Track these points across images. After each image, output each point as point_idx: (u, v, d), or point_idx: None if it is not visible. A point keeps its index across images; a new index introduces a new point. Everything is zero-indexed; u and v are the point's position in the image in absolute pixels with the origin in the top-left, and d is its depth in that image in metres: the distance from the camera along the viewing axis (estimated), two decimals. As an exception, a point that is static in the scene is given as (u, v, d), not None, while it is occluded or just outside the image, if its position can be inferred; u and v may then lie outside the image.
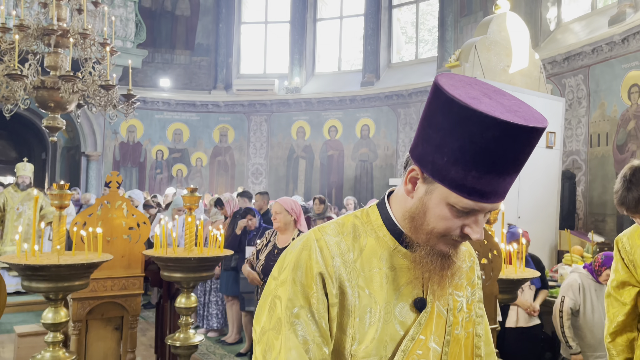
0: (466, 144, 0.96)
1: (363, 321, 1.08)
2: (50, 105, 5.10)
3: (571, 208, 7.75)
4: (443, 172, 1.00)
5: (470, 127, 0.95)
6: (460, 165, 0.98)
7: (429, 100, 1.03)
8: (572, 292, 4.02)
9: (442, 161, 1.00)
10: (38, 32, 4.95)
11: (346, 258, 1.10)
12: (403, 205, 1.12)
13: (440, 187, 1.02)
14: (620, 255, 2.39)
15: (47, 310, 2.99)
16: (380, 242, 1.13)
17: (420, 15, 13.13)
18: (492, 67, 5.90)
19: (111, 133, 12.95)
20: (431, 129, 1.02)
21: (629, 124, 7.40)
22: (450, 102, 0.97)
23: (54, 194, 3.11)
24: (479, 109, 0.94)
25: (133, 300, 3.79)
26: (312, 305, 1.07)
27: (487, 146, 0.95)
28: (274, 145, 13.52)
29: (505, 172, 0.99)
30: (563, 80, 8.56)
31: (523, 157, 1.00)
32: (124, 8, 12.12)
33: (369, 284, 1.10)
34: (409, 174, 1.08)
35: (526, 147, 0.98)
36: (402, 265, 1.12)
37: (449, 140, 0.98)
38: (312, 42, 13.73)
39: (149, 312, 7.03)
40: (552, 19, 9.39)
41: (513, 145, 0.96)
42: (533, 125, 0.95)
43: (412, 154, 1.08)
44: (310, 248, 1.10)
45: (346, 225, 1.15)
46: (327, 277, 1.08)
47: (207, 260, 3.41)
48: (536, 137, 0.97)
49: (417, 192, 1.07)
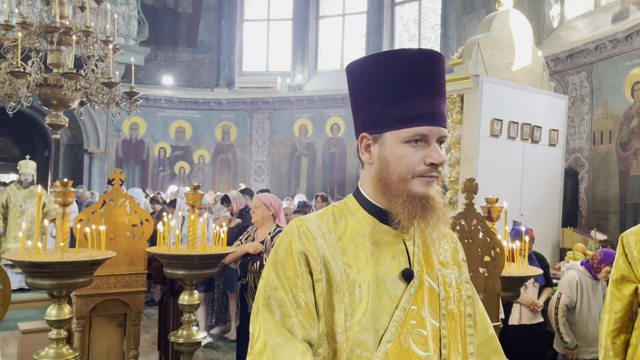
0: (387, 82, 1.11)
1: (353, 296, 1.10)
2: (53, 103, 5.11)
3: (574, 206, 7.75)
4: (383, 118, 1.12)
5: (384, 67, 1.12)
6: (391, 103, 1.11)
7: (349, 83, 1.20)
8: (569, 290, 4.09)
9: (377, 110, 1.13)
10: (41, 29, 4.96)
11: (328, 238, 1.14)
12: (370, 179, 1.18)
13: (388, 134, 1.13)
14: (624, 251, 2.41)
15: (50, 307, 3.00)
16: (361, 222, 1.17)
17: (422, 12, 13.11)
18: (495, 65, 5.89)
19: (114, 130, 12.97)
20: (359, 97, 1.17)
21: (632, 121, 7.38)
22: (361, 65, 1.15)
23: (57, 192, 3.11)
24: (386, 52, 1.14)
25: (136, 297, 3.80)
26: (294, 285, 1.09)
27: (403, 74, 1.10)
28: (277, 143, 13.52)
29: (428, 92, 1.11)
30: (566, 77, 8.53)
31: (435, 78, 1.12)
32: (127, 5, 12.12)
33: (355, 261, 1.13)
34: (361, 145, 1.19)
35: (433, 69, 1.12)
36: (385, 240, 1.16)
37: (373, 90, 1.13)
38: (315, 40, 13.72)
39: (151, 309, 7.04)
40: (555, 16, 9.36)
41: (423, 68, 1.11)
42: (431, 51, 1.13)
43: (357, 130, 1.21)
44: (291, 233, 1.14)
45: (326, 213, 1.20)
46: (309, 254, 1.11)
47: (210, 257, 3.41)
48: (436, 60, 1.12)
49: (373, 154, 1.16)
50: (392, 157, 1.12)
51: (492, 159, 5.64)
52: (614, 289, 2.43)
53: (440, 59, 1.14)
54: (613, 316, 2.42)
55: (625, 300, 2.39)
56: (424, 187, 1.12)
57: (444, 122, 1.14)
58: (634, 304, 2.40)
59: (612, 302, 2.44)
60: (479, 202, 3.18)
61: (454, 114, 5.86)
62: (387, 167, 1.12)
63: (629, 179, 7.40)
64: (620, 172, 7.54)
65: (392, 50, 1.14)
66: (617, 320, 2.41)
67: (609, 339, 2.43)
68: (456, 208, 5.77)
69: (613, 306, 2.43)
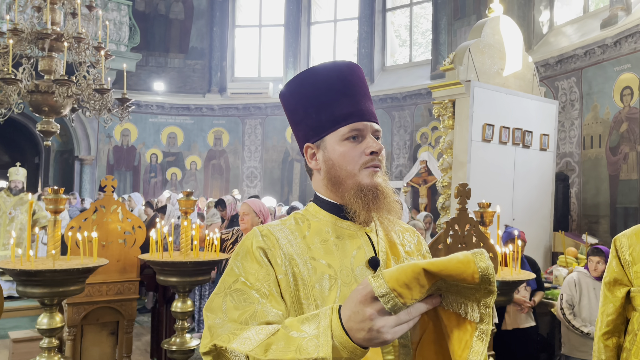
0: (315, 93, 1.22)
1: (322, 287, 1.14)
2: (45, 110, 5.08)
3: (565, 210, 7.80)
4: (320, 124, 1.22)
5: (310, 82, 1.23)
6: (323, 109, 1.21)
7: (285, 108, 1.31)
8: (568, 288, 4.19)
9: (313, 119, 1.22)
10: (32, 36, 4.93)
11: (291, 238, 1.19)
12: (321, 182, 1.25)
13: (328, 137, 1.21)
14: (617, 254, 2.42)
15: (42, 316, 2.97)
16: (322, 222, 1.24)
17: (413, 18, 13.19)
18: (486, 70, 5.93)
19: (105, 137, 12.90)
20: (295, 115, 1.28)
21: (622, 126, 7.45)
22: (290, 87, 1.27)
23: (48, 199, 3.09)
24: (307, 70, 1.26)
25: (129, 304, 3.78)
26: (257, 279, 1.10)
27: (328, 84, 1.21)
28: (269, 149, 13.51)
29: (354, 94, 1.22)
30: (556, 82, 8.61)
31: (357, 82, 1.24)
32: (118, 12, 12.10)
33: (321, 254, 1.17)
34: (307, 156, 1.26)
35: (353, 75, 1.23)
36: (348, 233, 1.22)
37: (305, 103, 1.24)
38: (307, 46, 13.75)
39: (143, 317, 6.99)
40: (544, 22, 9.45)
41: (344, 76, 1.22)
42: (347, 61, 1.26)
43: (300, 144, 1.29)
44: (253, 236, 1.18)
45: (288, 219, 1.26)
46: (269, 250, 1.14)
47: (203, 264, 3.40)
48: (354, 68, 1.25)
49: (319, 159, 1.24)
50: (335, 156, 1.20)
51: (484, 164, 5.67)
52: (607, 291, 2.45)
53: (357, 67, 1.26)
54: (605, 319, 2.43)
55: (618, 303, 2.40)
56: (371, 178, 1.19)
57: (375, 119, 1.24)
58: (626, 307, 2.41)
59: (604, 304, 2.45)
60: (471, 206, 3.20)
61: (445, 119, 5.89)
62: (334, 166, 1.20)
63: (619, 183, 7.47)
64: (611, 177, 7.61)
65: (313, 67, 1.26)
66: (609, 323, 2.42)
67: (601, 342, 2.44)
68: (449, 213, 5.79)
69: (605, 309, 2.44)
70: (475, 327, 0.97)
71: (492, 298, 0.94)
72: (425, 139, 11.43)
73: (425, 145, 11.35)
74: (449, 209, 5.77)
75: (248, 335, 0.99)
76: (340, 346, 0.89)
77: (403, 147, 11.76)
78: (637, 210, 7.13)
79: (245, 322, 1.04)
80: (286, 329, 0.96)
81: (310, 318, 0.95)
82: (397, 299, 0.87)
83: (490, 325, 0.97)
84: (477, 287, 0.91)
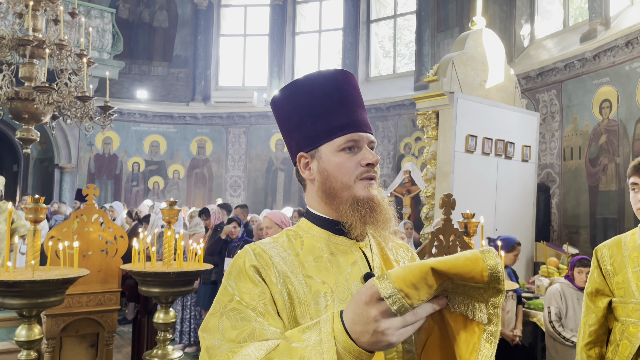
0: (311, 102, 1.20)
1: (318, 305, 1.11)
2: (25, 117, 4.99)
3: (546, 220, 7.90)
4: (315, 134, 1.19)
5: (305, 90, 1.21)
6: (319, 118, 1.19)
7: (276, 115, 1.28)
8: (554, 300, 4.20)
9: (308, 128, 1.20)
10: (13, 42, 4.85)
11: (284, 255, 1.15)
12: (315, 194, 1.22)
13: (323, 146, 1.19)
14: (598, 264, 2.44)
15: (20, 328, 2.90)
16: (315, 238, 1.21)
17: (397, 30, 13.33)
18: (469, 82, 6.01)
19: (86, 145, 12.74)
20: (288, 123, 1.24)
21: (601, 138, 7.59)
22: (284, 94, 1.24)
23: (28, 208, 3.03)
24: (303, 77, 1.23)
25: (109, 316, 3.71)
26: (252, 298, 1.06)
27: (324, 92, 1.19)
28: (253, 158, 13.47)
29: (349, 104, 1.20)
30: (537, 95, 8.76)
31: (352, 92, 1.22)
32: (101, 19, 12.00)
33: (316, 272, 1.14)
34: (300, 165, 1.23)
35: (348, 84, 1.22)
36: (342, 249, 1.20)
37: (300, 111, 1.21)
38: (291, 55, 13.79)
39: (124, 328, 6.87)
40: (525, 35, 9.63)
41: (339, 85, 1.21)
42: (341, 69, 1.24)
43: (292, 152, 1.25)
44: (245, 254, 1.14)
45: (280, 236, 1.23)
46: (262, 269, 1.10)
47: (186, 274, 3.36)
48: (348, 76, 1.23)
49: (313, 170, 1.21)
50: (330, 167, 1.18)
51: (467, 175, 5.72)
52: (589, 301, 2.47)
53: (352, 75, 1.25)
54: (587, 329, 2.45)
55: (600, 313, 2.42)
56: (366, 190, 1.17)
57: (370, 130, 1.22)
58: (608, 318, 2.44)
59: (587, 314, 2.47)
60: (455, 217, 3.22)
61: (429, 130, 5.94)
62: (329, 177, 1.18)
63: (598, 194, 7.60)
64: (590, 188, 7.74)
65: (308, 74, 1.24)
66: (592, 334, 2.44)
67: (584, 352, 2.46)
68: (432, 223, 5.82)
69: (588, 319, 2.46)
70: (483, 329, 0.94)
71: (501, 297, 0.92)
72: (408, 149, 11.51)
73: (408, 155, 11.43)
74: (432, 219, 5.80)
75: (248, 352, 0.96)
76: (344, 351, 0.87)
77: (387, 157, 11.82)
78: (616, 220, 7.25)
79: (243, 341, 1.01)
80: (287, 340, 0.93)
81: (311, 326, 0.92)
82: (404, 300, 0.84)
83: (499, 326, 0.94)
84: (486, 286, 0.90)
